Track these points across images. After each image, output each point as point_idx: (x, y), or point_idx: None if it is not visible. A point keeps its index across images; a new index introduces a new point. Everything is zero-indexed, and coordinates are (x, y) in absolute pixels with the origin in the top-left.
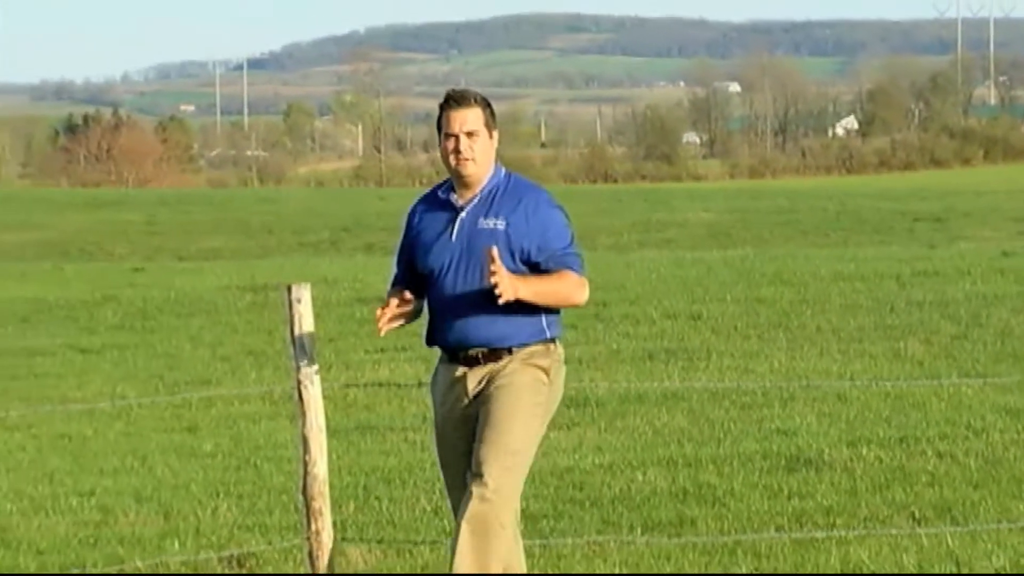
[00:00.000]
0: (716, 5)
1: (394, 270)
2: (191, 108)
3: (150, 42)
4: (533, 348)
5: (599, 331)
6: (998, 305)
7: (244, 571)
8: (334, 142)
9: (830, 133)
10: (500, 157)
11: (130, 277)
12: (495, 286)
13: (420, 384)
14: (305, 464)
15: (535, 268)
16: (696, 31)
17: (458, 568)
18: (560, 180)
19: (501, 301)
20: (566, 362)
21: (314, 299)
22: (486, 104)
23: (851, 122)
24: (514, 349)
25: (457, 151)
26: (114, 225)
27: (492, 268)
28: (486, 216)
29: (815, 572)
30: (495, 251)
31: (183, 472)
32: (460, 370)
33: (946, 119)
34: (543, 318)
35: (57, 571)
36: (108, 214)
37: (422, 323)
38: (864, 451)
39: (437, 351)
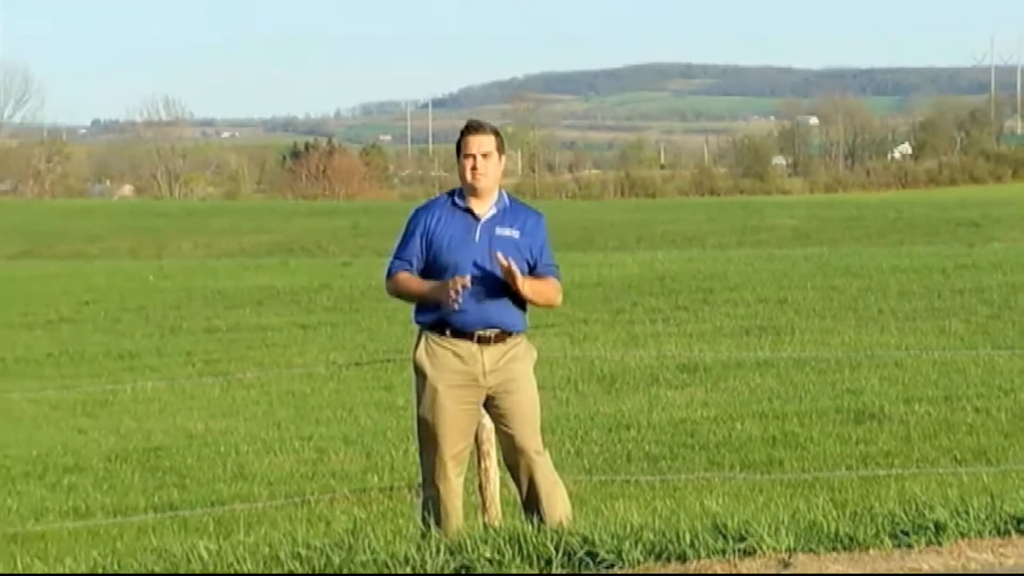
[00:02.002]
0: (799, 55)
1: (401, 255)
2: (388, 138)
3: (356, 86)
4: (523, 336)
5: (706, 312)
6: None
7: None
8: None
9: (889, 156)
10: (628, 176)
11: (340, 270)
12: (514, 281)
13: (566, 355)
14: None
15: (531, 268)
16: (783, 76)
17: (565, 511)
18: (675, 194)
19: (519, 282)
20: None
21: None
22: (497, 133)
23: (906, 148)
24: (515, 334)
25: (475, 168)
26: (328, 229)
27: (513, 271)
28: (502, 226)
29: (878, 506)
30: (512, 262)
31: (381, 421)
32: (473, 347)
33: (982, 145)
34: (526, 312)
35: (283, 499)
36: (323, 221)
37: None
38: (916, 407)
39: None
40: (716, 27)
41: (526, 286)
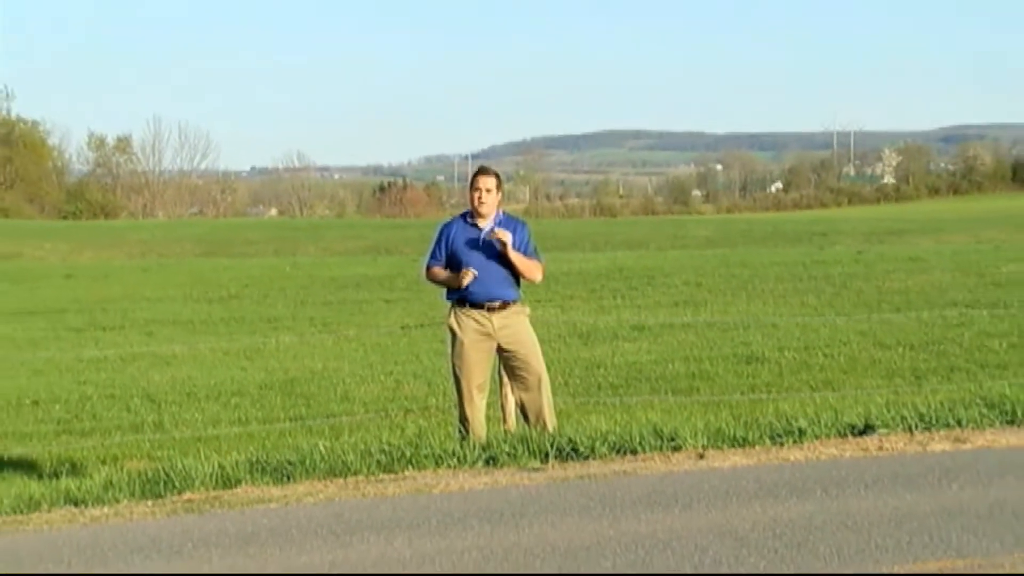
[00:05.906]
0: (712, 123)
1: (433, 255)
2: (442, 178)
3: (421, 143)
4: (519, 303)
5: (649, 291)
6: (855, 277)
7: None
8: (514, 196)
9: (768, 190)
10: (599, 203)
11: (411, 264)
12: (506, 248)
13: (557, 319)
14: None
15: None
16: (699, 138)
17: (552, 423)
18: (629, 215)
19: (509, 250)
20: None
21: None
22: (497, 175)
23: (779, 184)
24: (511, 303)
25: (480, 199)
26: (402, 237)
27: (504, 240)
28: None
29: (761, 418)
30: (504, 234)
31: (438, 363)
32: (485, 314)
33: (828, 184)
34: (519, 287)
35: (373, 413)
36: (399, 232)
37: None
38: (786, 353)
39: (443, 302)
40: (656, 105)
41: (514, 255)
